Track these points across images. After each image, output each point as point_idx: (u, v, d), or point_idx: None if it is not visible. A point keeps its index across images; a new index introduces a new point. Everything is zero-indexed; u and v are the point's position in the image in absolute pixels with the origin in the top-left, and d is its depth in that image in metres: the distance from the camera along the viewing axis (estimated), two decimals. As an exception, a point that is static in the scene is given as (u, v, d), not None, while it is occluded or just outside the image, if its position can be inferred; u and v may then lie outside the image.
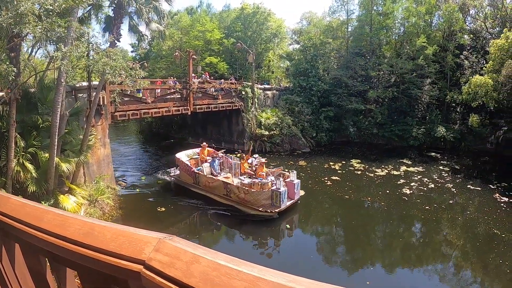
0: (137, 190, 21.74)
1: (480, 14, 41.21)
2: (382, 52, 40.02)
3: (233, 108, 31.09)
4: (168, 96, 24.79)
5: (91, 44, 14.04)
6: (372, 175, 25.91)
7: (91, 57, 13.94)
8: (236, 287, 0.86)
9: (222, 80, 32.47)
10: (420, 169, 27.50)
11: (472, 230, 17.70)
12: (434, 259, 15.22)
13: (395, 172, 26.48)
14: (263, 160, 20.13)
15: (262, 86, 36.46)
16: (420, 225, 18.74)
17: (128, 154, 31.21)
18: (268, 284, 0.84)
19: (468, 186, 23.93)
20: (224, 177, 19.24)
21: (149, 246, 1.06)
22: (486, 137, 34.12)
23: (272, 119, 33.21)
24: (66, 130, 15.25)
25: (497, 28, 38.35)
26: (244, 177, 19.40)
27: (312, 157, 31.08)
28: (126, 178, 23.95)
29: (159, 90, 24.32)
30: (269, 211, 16.78)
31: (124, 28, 20.76)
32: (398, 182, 24.16)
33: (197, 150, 22.36)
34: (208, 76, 32.51)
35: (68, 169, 14.80)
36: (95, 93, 16.94)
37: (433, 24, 42.60)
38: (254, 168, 20.49)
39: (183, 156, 21.70)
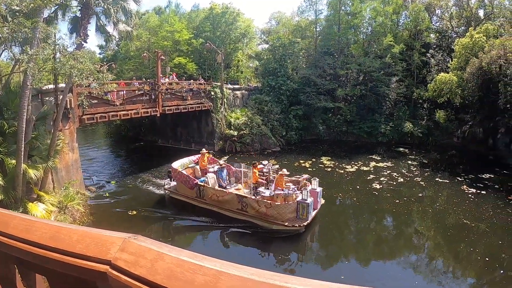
0: (107, 194, 20.52)
1: (446, 14, 42.50)
2: (350, 51, 40.40)
3: (203, 108, 30.47)
4: (136, 98, 23.94)
5: (57, 46, 13.54)
6: (342, 171, 25.79)
7: (58, 60, 13.44)
8: (199, 281, 0.89)
9: (191, 81, 31.74)
10: (389, 164, 27.69)
11: (442, 221, 17.79)
12: (407, 251, 15.18)
13: (365, 168, 26.50)
14: (278, 167, 17.52)
15: (231, 86, 35.98)
16: (392, 218, 18.67)
17: (97, 159, 30.00)
18: (230, 277, 0.88)
19: (437, 179, 24.21)
20: (235, 189, 17.16)
21: (114, 246, 1.08)
22: (452, 131, 35.14)
23: (242, 119, 32.82)
24: (33, 135, 14.48)
25: (462, 27, 39.64)
26: (263, 188, 17.00)
27: (282, 155, 30.77)
28: (96, 183, 22.80)
29: (124, 92, 23.35)
30: (297, 225, 14.82)
31: (92, 28, 20.06)
32: (368, 178, 24.14)
33: (193, 158, 20.69)
34: (175, 77, 31.71)
35: (36, 176, 13.97)
36: (61, 96, 16.15)
37: (400, 24, 43.61)
38: (265, 176, 18.34)
39: (179, 166, 19.21)
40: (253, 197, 16.01)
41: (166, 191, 19.69)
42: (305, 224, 14.86)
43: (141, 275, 0.96)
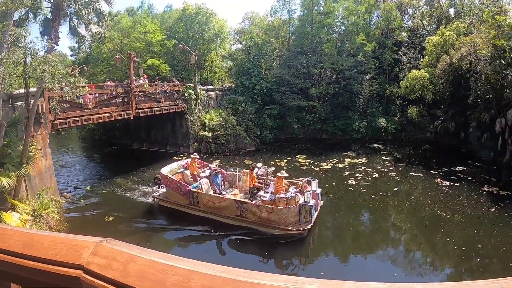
0: (82, 201, 19.44)
1: (417, 13, 43.47)
2: (323, 50, 40.52)
3: (177, 110, 29.82)
4: (110, 101, 23.20)
5: (28, 50, 13.31)
6: (317, 169, 25.65)
7: (29, 64, 13.21)
8: (171, 281, 0.91)
9: (165, 83, 31.05)
10: (364, 160, 27.81)
11: (418, 214, 17.90)
12: (385, 245, 15.12)
13: (340, 165, 26.44)
14: (285, 173, 16.13)
15: (205, 87, 35.46)
16: (368, 213, 18.62)
17: (71, 164, 28.90)
18: (201, 276, 0.90)
19: (411, 173, 24.41)
20: (232, 194, 16.19)
21: (86, 250, 1.09)
22: (425, 127, 35.80)
23: (216, 119, 32.43)
24: (5, 142, 14.09)
25: (433, 26, 40.60)
26: (262, 193, 16.43)
27: (257, 155, 30.43)
28: (70, 189, 21.78)
29: (97, 95, 22.56)
30: (301, 229, 14.17)
31: (63, 30, 19.33)
32: (344, 174, 24.09)
33: (182, 162, 19.65)
34: (146, 79, 30.90)
35: (9, 184, 13.41)
36: (33, 100, 15.60)
37: (372, 23, 44.40)
38: (262, 179, 17.62)
39: (168, 171, 18.03)
40: (253, 202, 15.28)
41: (155, 199, 18.35)
42: (308, 227, 14.25)
43: (114, 278, 0.96)
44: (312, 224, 14.36)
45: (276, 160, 28.02)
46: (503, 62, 25.70)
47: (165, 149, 31.67)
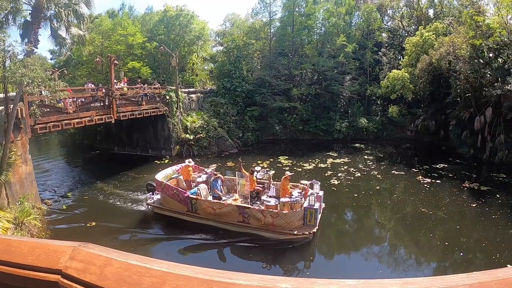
0: (65, 207, 18.64)
1: (397, 14, 44.04)
2: (304, 51, 40.72)
3: (158, 113, 29.35)
4: (90, 105, 22.67)
5: (7, 53, 13.00)
6: (300, 169, 25.50)
7: (8, 68, 12.83)
8: (147, 283, 0.92)
9: (145, 85, 30.53)
10: (346, 160, 27.85)
11: (401, 211, 17.92)
12: (369, 242, 15.01)
13: (322, 165, 26.37)
14: (273, 172, 16.06)
15: (186, 90, 35.11)
16: (352, 212, 18.60)
17: (52, 170, 28.01)
18: (176, 277, 0.91)
19: (393, 171, 24.52)
20: (233, 200, 15.36)
21: (64, 255, 1.09)
22: (406, 125, 36.40)
23: (198, 122, 32.07)
24: None
25: (413, 27, 41.23)
26: (266, 197, 15.58)
27: (240, 157, 30.06)
28: (52, 196, 21.02)
29: (75, 99, 21.98)
30: (306, 233, 13.57)
31: (43, 33, 18.77)
32: (326, 174, 23.98)
33: (176, 167, 18.53)
34: (125, 83, 30.31)
35: None
36: (12, 105, 15.10)
37: (353, 24, 44.80)
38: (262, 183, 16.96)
39: (162, 177, 17.00)
40: (256, 207, 14.68)
41: (149, 206, 17.25)
42: (314, 230, 13.70)
43: (91, 281, 0.96)
44: (317, 227, 13.87)
45: (259, 162, 27.71)
46: (481, 61, 26.13)
47: (147, 152, 31.14)
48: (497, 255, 12.52)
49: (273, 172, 17.81)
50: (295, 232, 13.58)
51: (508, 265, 10.86)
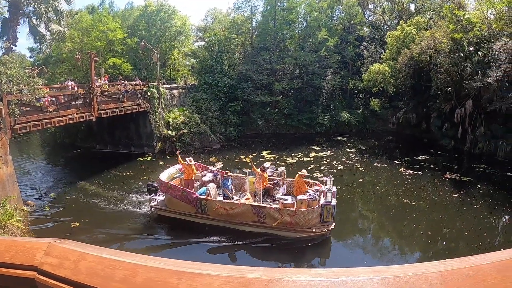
0: (48, 208, 17.94)
1: (378, 8, 44.33)
2: (286, 45, 40.63)
3: (140, 110, 28.77)
4: (70, 103, 22.07)
5: None
6: (283, 163, 25.25)
7: None
8: (119, 276, 0.93)
9: (126, 82, 29.90)
10: (329, 153, 27.86)
11: (385, 203, 17.93)
12: (353, 234, 14.98)
13: (305, 159, 26.33)
14: (306, 172, 15.09)
15: (168, 86, 34.57)
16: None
17: (34, 171, 27.22)
18: (147, 269, 0.92)
19: (375, 164, 24.59)
20: (246, 199, 14.56)
21: (40, 251, 1.09)
22: (387, 118, 36.71)
23: (180, 118, 31.66)
24: None
25: (394, 21, 41.48)
26: (281, 195, 15.09)
27: (223, 152, 29.94)
28: (35, 197, 20.30)
29: (54, 98, 21.35)
30: (325, 230, 13.23)
31: (22, 31, 18.10)
32: (309, 168, 23.78)
33: (179, 166, 17.36)
34: (106, 80, 29.61)
35: None
36: None
37: (334, 18, 44.91)
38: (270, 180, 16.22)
39: (166, 177, 16.13)
40: (272, 205, 14.05)
41: (153, 208, 16.24)
42: (332, 227, 13.36)
43: (66, 276, 0.97)
44: (334, 224, 13.53)
45: (241, 157, 27.58)
46: (461, 55, 26.37)
47: (130, 150, 30.54)
48: (479, 243, 12.62)
49: (283, 168, 16.91)
50: (314, 230, 13.20)
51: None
